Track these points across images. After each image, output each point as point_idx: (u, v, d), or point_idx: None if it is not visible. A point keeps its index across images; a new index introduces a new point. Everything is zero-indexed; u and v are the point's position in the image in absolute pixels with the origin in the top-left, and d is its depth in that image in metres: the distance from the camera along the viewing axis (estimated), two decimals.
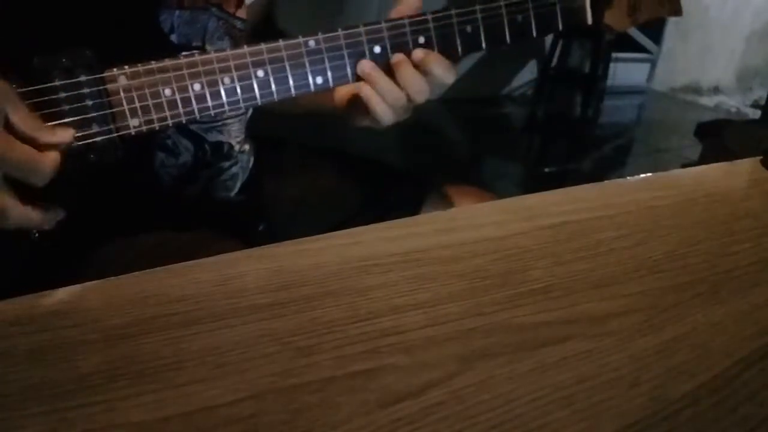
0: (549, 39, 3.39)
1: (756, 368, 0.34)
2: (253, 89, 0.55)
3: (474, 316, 0.37)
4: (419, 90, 0.59)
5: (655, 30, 4.02)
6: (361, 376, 0.31)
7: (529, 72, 3.85)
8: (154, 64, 0.52)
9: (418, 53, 0.58)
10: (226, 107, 0.55)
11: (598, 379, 0.32)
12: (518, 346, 0.34)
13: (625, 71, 4.02)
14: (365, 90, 0.59)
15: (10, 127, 0.45)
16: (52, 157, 0.47)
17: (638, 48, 4.06)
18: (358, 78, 0.59)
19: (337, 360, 0.32)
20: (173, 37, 0.59)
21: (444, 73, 0.59)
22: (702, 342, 0.36)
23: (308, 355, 0.33)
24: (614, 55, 3.42)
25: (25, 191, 0.47)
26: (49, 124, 0.48)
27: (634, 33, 3.93)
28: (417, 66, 0.58)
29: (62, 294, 0.36)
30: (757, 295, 0.41)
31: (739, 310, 0.39)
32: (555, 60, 3.33)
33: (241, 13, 0.67)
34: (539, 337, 0.35)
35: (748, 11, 3.65)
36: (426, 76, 0.59)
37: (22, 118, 0.45)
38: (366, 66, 0.58)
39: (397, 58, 0.58)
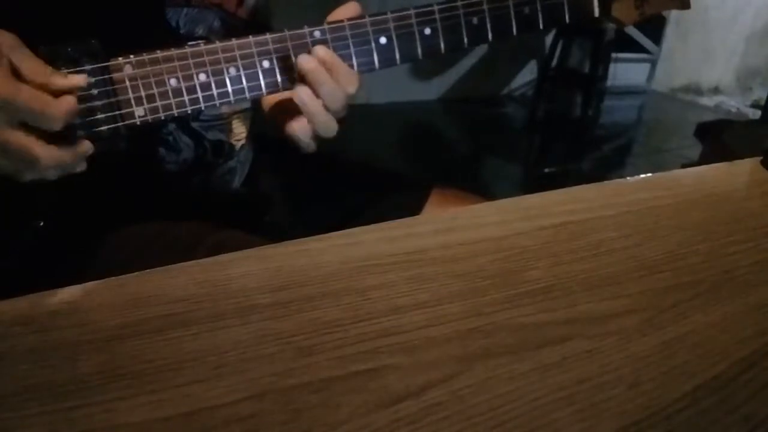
0: (549, 39, 3.40)
1: (756, 368, 0.34)
2: (258, 79, 0.55)
3: (474, 316, 0.37)
4: (333, 95, 0.54)
5: (655, 30, 4.02)
6: (361, 376, 0.31)
7: (529, 72, 3.85)
8: (159, 54, 0.52)
9: (318, 51, 0.54)
10: (232, 97, 0.55)
11: (598, 379, 0.32)
12: (518, 346, 0.34)
13: (625, 71, 4.02)
14: (302, 93, 0.54)
15: (19, 76, 0.45)
16: (67, 100, 0.46)
17: (638, 48, 4.06)
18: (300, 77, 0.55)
19: (337, 360, 0.32)
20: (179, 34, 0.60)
21: (346, 76, 0.55)
22: (702, 342, 0.36)
23: (308, 355, 0.33)
24: (614, 55, 3.42)
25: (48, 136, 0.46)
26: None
27: (634, 33, 3.93)
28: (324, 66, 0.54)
29: (62, 294, 0.36)
30: (757, 295, 0.41)
31: (739, 310, 0.39)
32: (555, 60, 3.33)
33: (242, 12, 0.67)
34: (539, 337, 0.35)
35: (748, 11, 3.65)
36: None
37: (31, 66, 0.45)
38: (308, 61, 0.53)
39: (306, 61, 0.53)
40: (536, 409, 0.30)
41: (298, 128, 0.57)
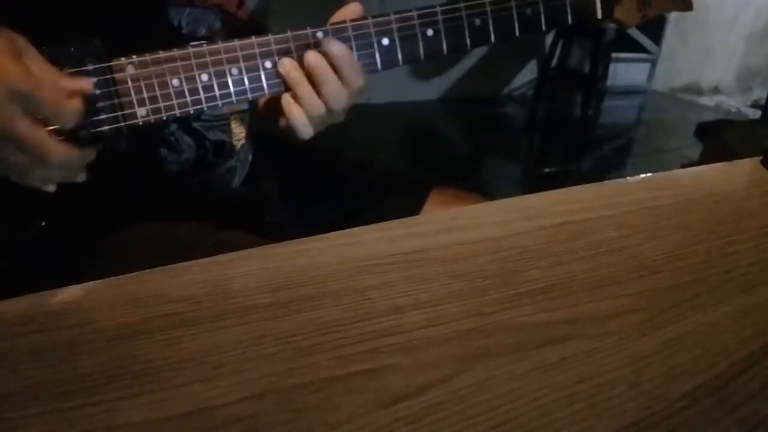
0: (549, 39, 3.40)
1: (756, 368, 0.34)
2: (260, 80, 0.55)
3: (474, 316, 0.37)
4: (337, 96, 0.56)
5: (655, 30, 4.02)
6: (361, 376, 0.31)
7: (529, 72, 3.85)
8: (161, 54, 0.52)
9: (331, 47, 0.55)
10: (234, 98, 0.55)
11: (598, 379, 0.32)
12: (518, 346, 0.34)
13: (625, 71, 4.02)
14: (286, 98, 0.56)
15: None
16: (76, 102, 0.47)
17: (638, 48, 4.06)
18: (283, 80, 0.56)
19: (337, 360, 0.32)
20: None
21: (355, 74, 0.56)
22: (702, 342, 0.36)
23: (308, 355, 0.33)
24: (614, 55, 3.42)
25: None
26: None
27: (635, 33, 3.93)
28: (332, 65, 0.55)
29: (62, 294, 0.36)
30: (757, 295, 0.41)
31: (739, 310, 0.39)
32: (555, 60, 3.33)
33: (242, 13, 0.67)
34: (539, 337, 0.35)
35: (748, 11, 3.65)
36: (340, 78, 0.56)
37: (40, 67, 0.45)
38: (287, 65, 0.55)
39: (313, 61, 0.55)
40: (536, 409, 0.30)
41: (295, 112, 0.57)
